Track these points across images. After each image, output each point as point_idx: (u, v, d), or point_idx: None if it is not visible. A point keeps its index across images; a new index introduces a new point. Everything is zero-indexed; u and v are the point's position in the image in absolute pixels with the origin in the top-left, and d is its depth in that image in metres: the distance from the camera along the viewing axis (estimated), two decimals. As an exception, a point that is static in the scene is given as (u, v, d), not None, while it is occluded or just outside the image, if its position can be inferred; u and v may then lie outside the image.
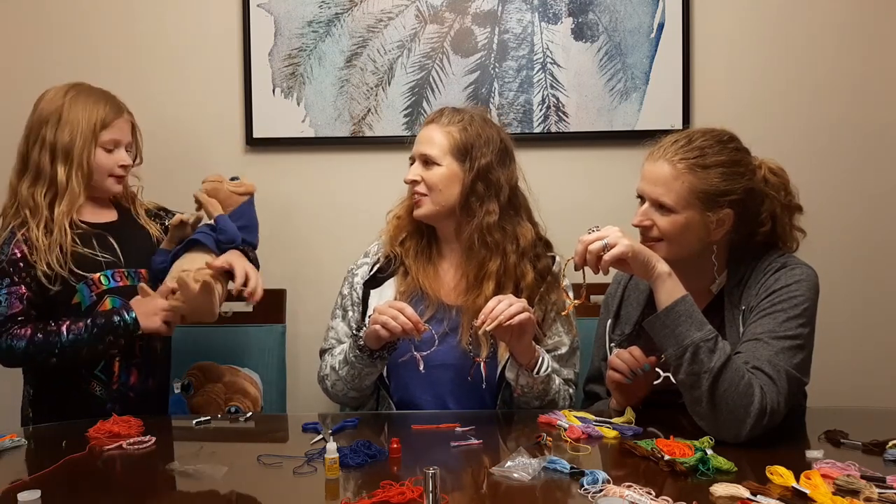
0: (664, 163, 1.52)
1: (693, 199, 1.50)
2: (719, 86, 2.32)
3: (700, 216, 1.50)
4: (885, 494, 1.13)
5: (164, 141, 2.24)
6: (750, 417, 1.34)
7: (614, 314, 1.71)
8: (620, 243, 1.41)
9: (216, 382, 1.94)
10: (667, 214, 1.51)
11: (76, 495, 1.25)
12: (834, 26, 2.31)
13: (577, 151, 2.36)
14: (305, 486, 1.26)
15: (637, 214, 1.55)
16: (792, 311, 1.45)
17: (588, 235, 1.45)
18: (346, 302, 1.81)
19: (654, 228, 1.52)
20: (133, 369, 1.79)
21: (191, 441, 1.55)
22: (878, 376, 2.29)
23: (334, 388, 1.73)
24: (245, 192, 1.93)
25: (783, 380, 1.38)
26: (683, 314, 1.40)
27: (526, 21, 2.31)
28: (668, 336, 1.40)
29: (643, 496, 1.12)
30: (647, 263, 1.43)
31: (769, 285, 1.49)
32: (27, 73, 2.34)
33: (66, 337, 1.66)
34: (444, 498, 1.13)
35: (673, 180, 1.50)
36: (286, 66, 2.34)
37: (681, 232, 1.51)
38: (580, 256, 1.45)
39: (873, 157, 2.34)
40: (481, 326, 1.53)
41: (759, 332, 1.44)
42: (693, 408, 1.41)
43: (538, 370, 1.63)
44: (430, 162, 1.73)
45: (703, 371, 1.36)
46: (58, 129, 1.72)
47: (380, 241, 1.86)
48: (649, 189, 1.53)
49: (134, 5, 2.37)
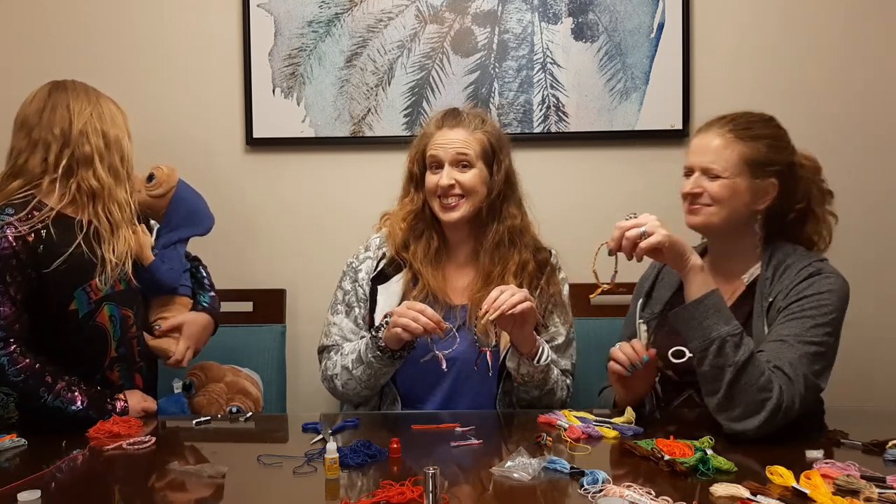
0: (714, 135, 1.60)
1: (742, 165, 1.57)
2: (719, 86, 2.32)
3: (748, 182, 1.57)
4: (885, 494, 1.13)
5: (164, 141, 2.24)
6: (764, 411, 1.37)
7: (646, 293, 1.76)
8: (658, 232, 1.43)
9: (218, 382, 1.94)
10: (716, 180, 1.57)
11: (76, 495, 1.25)
12: (834, 26, 2.31)
13: (577, 151, 2.36)
14: (305, 486, 1.26)
15: (687, 184, 1.61)
16: (820, 318, 1.48)
17: (626, 221, 1.46)
18: (349, 298, 1.81)
19: (705, 195, 1.58)
20: (135, 374, 1.78)
21: (191, 441, 1.55)
22: (878, 376, 2.29)
23: (346, 387, 1.73)
24: (165, 191, 1.90)
25: (800, 382, 1.41)
26: (712, 307, 1.42)
27: (526, 21, 2.31)
28: (696, 328, 1.42)
29: (643, 496, 1.12)
30: (681, 255, 1.46)
31: (801, 289, 1.52)
32: (27, 74, 2.33)
33: (55, 400, 1.60)
34: (444, 498, 1.13)
35: (723, 149, 1.58)
36: (286, 66, 2.34)
37: (730, 196, 1.57)
38: (616, 242, 1.46)
39: (874, 158, 2.34)
40: (484, 316, 1.55)
41: (786, 334, 1.47)
42: (709, 398, 1.43)
43: (538, 359, 1.66)
44: (467, 165, 1.75)
45: (727, 364, 1.38)
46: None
47: (381, 234, 1.86)
48: (699, 159, 1.60)
49: (134, 5, 2.37)
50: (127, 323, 1.74)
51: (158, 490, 1.28)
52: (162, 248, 1.86)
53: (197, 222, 1.96)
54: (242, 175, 2.38)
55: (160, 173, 1.90)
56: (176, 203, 1.91)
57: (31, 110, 1.71)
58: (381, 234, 1.86)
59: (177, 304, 1.87)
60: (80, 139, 1.69)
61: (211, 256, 2.05)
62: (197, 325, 1.85)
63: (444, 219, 1.77)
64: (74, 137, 1.69)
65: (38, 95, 1.73)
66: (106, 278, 1.66)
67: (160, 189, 1.89)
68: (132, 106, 1.86)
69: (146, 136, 1.92)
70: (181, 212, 1.91)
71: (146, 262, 1.78)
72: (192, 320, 1.84)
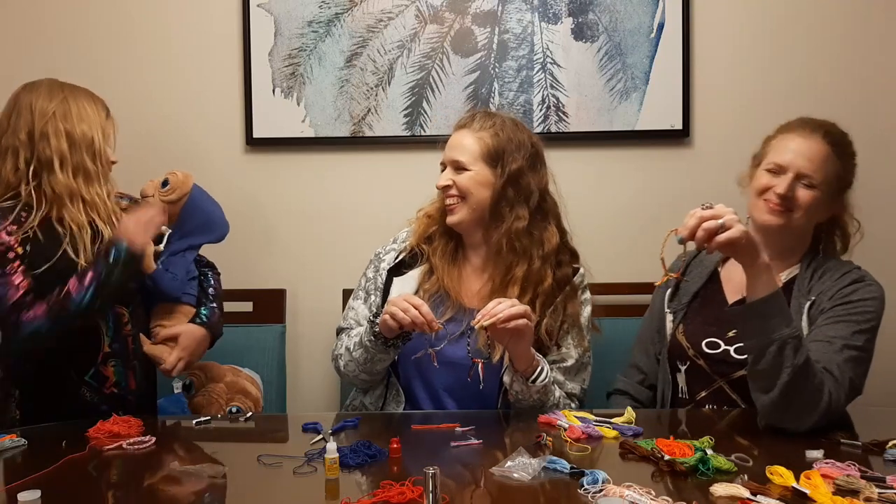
0: (819, 141, 1.63)
1: (834, 181, 1.63)
2: (719, 86, 2.32)
3: (829, 199, 1.63)
4: (885, 494, 1.13)
5: (164, 140, 2.24)
6: (816, 413, 1.41)
7: (675, 285, 1.78)
8: (737, 227, 1.39)
9: (218, 382, 1.94)
10: (810, 189, 1.61)
11: (76, 495, 1.25)
12: (835, 26, 2.31)
13: (577, 151, 2.36)
14: (305, 486, 1.26)
15: (780, 184, 1.61)
16: (864, 324, 1.53)
17: (703, 211, 1.41)
18: (369, 285, 1.82)
19: (796, 200, 1.61)
20: (129, 372, 1.78)
21: (191, 441, 1.55)
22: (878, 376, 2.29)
23: (346, 367, 1.75)
24: (180, 195, 1.86)
25: (846, 384, 1.46)
26: (776, 307, 1.42)
27: (526, 21, 2.31)
28: (758, 326, 1.42)
29: (643, 496, 1.12)
30: (755, 252, 1.43)
31: (846, 294, 1.57)
32: (27, 75, 2.33)
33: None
34: (444, 498, 1.13)
35: (823, 161, 1.61)
36: (286, 66, 2.34)
37: (817, 208, 1.62)
38: (690, 231, 1.40)
39: (874, 158, 2.32)
40: (478, 322, 1.54)
41: (832, 335, 1.51)
42: (761, 395, 1.44)
43: (534, 379, 1.63)
44: (461, 168, 1.73)
45: (785, 365, 1.39)
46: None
47: (410, 228, 1.86)
48: (802, 163, 1.62)
49: (134, 6, 2.37)
50: (121, 321, 1.76)
51: (158, 490, 1.28)
52: (170, 254, 1.83)
53: (210, 230, 1.92)
54: (242, 175, 2.38)
55: (174, 179, 1.86)
56: (189, 210, 1.87)
57: (1, 116, 1.71)
58: (410, 229, 1.86)
59: (179, 312, 1.85)
60: (41, 142, 1.68)
61: (211, 256, 2.05)
62: (193, 337, 1.82)
63: (447, 221, 1.77)
64: (37, 141, 1.68)
65: (9, 99, 1.73)
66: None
67: (173, 195, 1.85)
68: (132, 106, 1.87)
69: (146, 135, 1.92)
70: (195, 219, 1.88)
71: (148, 270, 1.76)
72: (188, 332, 1.82)
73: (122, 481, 1.34)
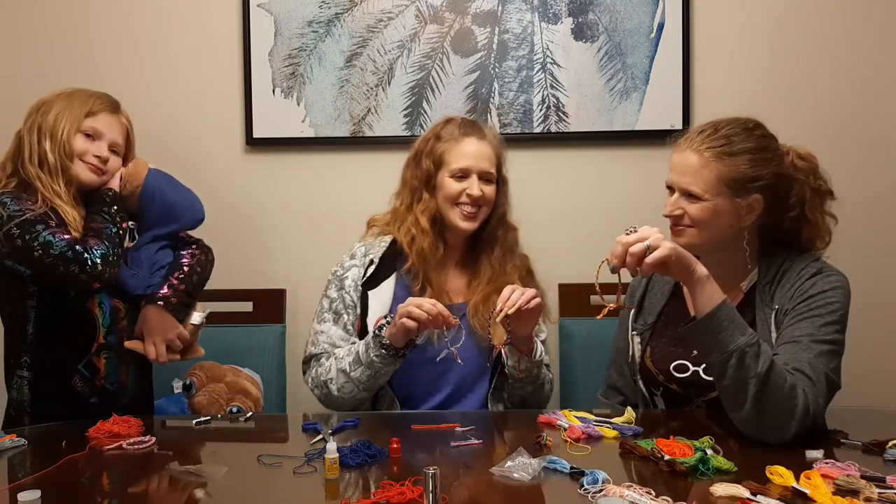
0: (691, 153, 1.54)
1: (721, 186, 1.51)
2: (719, 86, 2.32)
3: (730, 202, 1.52)
4: (885, 494, 1.13)
5: (164, 141, 2.24)
6: (795, 419, 1.34)
7: (638, 304, 1.73)
8: (663, 246, 1.37)
9: (218, 382, 1.94)
10: (696, 202, 1.52)
11: (76, 495, 1.25)
12: (835, 26, 2.31)
13: (577, 151, 2.36)
14: (305, 486, 1.26)
15: (668, 205, 1.57)
16: (829, 316, 1.46)
17: (627, 237, 1.39)
18: (336, 306, 1.81)
19: (686, 216, 1.54)
20: (122, 367, 1.78)
21: (191, 441, 1.55)
22: (878, 376, 2.29)
23: (342, 390, 1.72)
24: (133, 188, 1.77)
25: (822, 382, 1.39)
26: (726, 319, 1.37)
27: (526, 21, 2.31)
28: (712, 342, 1.38)
29: (643, 496, 1.12)
30: (688, 267, 1.40)
31: (805, 290, 1.50)
32: (27, 75, 2.34)
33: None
34: (444, 498, 1.13)
35: (701, 168, 1.52)
36: (286, 66, 2.34)
37: (711, 218, 1.52)
38: (619, 258, 1.39)
39: (874, 158, 2.34)
40: (499, 314, 1.58)
41: (798, 334, 1.45)
42: (735, 413, 1.39)
43: (535, 354, 1.74)
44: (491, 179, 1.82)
45: (749, 376, 1.34)
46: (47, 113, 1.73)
47: (366, 243, 1.87)
48: (678, 179, 1.55)
49: (134, 6, 2.37)
50: (118, 315, 1.75)
51: (158, 490, 1.28)
52: (134, 250, 1.77)
53: (173, 219, 1.81)
54: (242, 175, 2.38)
55: (125, 172, 1.78)
56: (146, 200, 1.77)
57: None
58: (366, 242, 1.87)
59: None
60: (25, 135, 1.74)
61: (211, 256, 2.05)
62: (149, 319, 1.76)
63: (463, 227, 1.79)
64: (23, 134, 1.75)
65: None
66: None
67: (127, 188, 1.78)
68: (132, 106, 1.86)
69: (146, 135, 1.91)
70: (154, 210, 1.78)
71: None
72: (143, 318, 1.76)
73: (122, 481, 1.34)
